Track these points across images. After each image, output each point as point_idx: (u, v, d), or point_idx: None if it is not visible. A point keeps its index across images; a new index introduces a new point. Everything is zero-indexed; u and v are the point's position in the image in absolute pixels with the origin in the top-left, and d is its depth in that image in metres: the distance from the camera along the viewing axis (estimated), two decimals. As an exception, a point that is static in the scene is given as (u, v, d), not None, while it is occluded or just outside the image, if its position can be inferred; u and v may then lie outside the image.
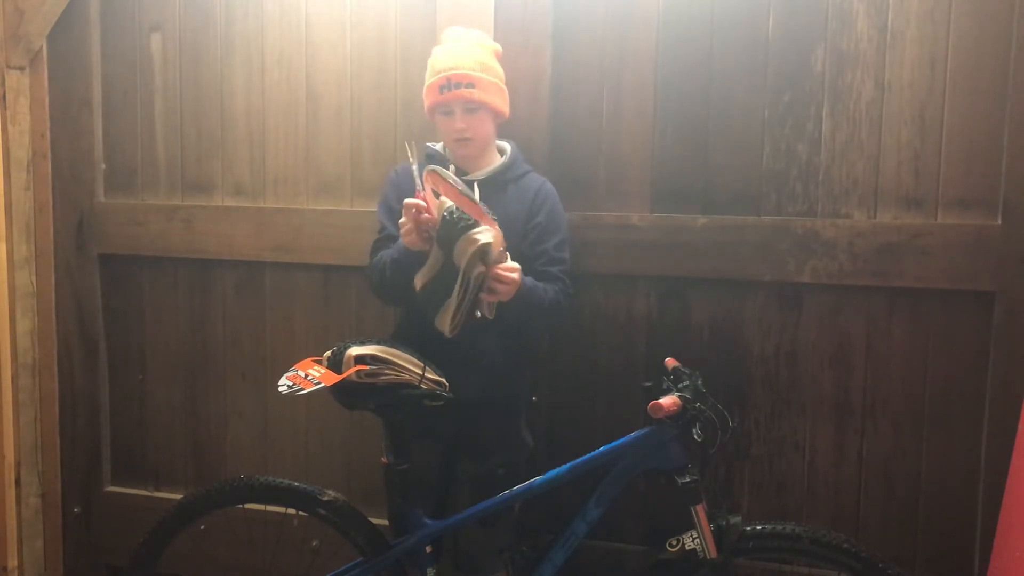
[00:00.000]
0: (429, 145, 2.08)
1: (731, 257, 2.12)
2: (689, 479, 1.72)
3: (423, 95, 2.01)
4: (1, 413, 2.54)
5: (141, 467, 2.66)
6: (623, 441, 1.77)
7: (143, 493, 2.65)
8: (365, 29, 2.35)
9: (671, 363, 1.87)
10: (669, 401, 1.67)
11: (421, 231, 1.76)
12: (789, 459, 2.17)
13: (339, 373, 1.76)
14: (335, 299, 2.44)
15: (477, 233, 1.69)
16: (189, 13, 2.49)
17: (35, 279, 2.61)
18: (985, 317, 2.00)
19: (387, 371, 1.77)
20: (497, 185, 1.99)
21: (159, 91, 2.54)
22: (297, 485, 1.96)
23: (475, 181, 1.91)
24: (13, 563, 2.59)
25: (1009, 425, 1.89)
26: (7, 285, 2.54)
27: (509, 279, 1.76)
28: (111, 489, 2.66)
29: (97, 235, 2.58)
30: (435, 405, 1.80)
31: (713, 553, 1.72)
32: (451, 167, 1.84)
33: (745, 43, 2.11)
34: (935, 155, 2.02)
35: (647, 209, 2.20)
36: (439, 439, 2.00)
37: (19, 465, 2.61)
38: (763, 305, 2.15)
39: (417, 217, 1.75)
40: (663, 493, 2.17)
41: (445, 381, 1.82)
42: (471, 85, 1.93)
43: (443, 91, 1.94)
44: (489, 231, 1.71)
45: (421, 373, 1.79)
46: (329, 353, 1.81)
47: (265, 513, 2.07)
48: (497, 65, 2.02)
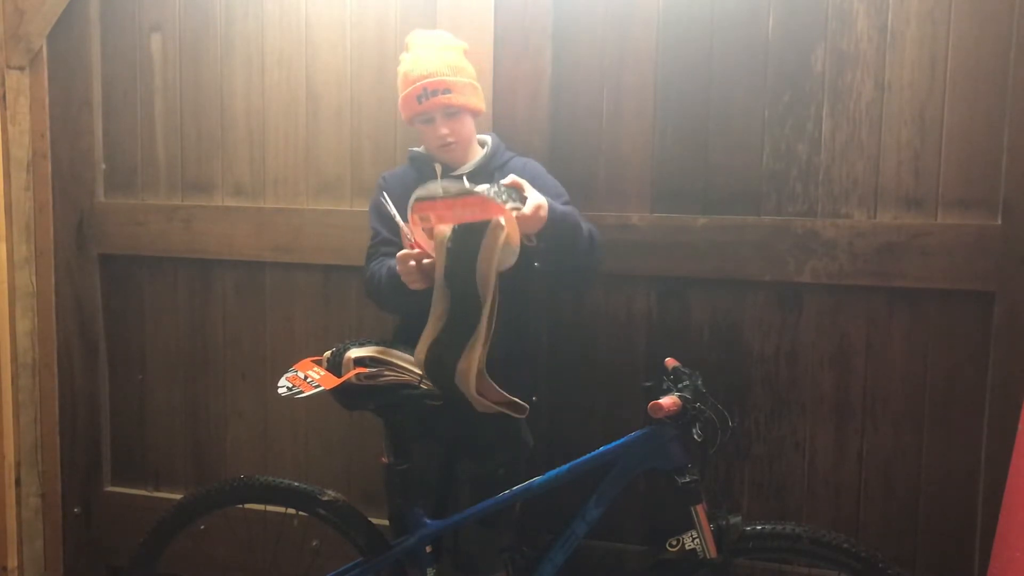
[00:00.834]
0: (412, 149, 2.09)
1: (731, 257, 2.12)
2: (689, 479, 1.71)
3: (399, 105, 2.00)
4: (1, 413, 2.54)
5: (141, 467, 2.67)
6: (623, 441, 1.77)
7: (143, 493, 2.65)
8: (365, 29, 2.35)
9: (671, 363, 1.87)
10: (669, 401, 1.67)
11: (425, 275, 1.75)
12: (789, 459, 2.17)
13: (338, 375, 1.76)
14: (335, 299, 2.44)
15: (490, 237, 1.63)
16: (189, 13, 2.49)
17: (35, 279, 2.61)
18: (985, 317, 2.00)
19: (387, 372, 1.77)
20: (484, 176, 1.98)
21: (159, 91, 2.54)
22: (297, 485, 1.96)
23: (463, 176, 1.91)
24: (13, 563, 2.59)
25: (1009, 425, 1.88)
26: (7, 285, 2.54)
27: (534, 214, 1.71)
28: (111, 489, 2.66)
29: (97, 235, 2.58)
30: (435, 404, 1.80)
31: (713, 553, 1.71)
32: (438, 166, 1.83)
33: (745, 43, 2.11)
34: (935, 155, 2.02)
35: (647, 209, 2.20)
36: (439, 439, 2.00)
37: (19, 465, 2.61)
38: (763, 305, 2.15)
39: (419, 266, 1.74)
40: (663, 493, 2.18)
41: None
42: (448, 91, 1.92)
43: (421, 100, 1.93)
44: (499, 219, 1.63)
45: (421, 373, 1.79)
46: (329, 354, 1.82)
47: (265, 513, 2.07)
48: (468, 64, 2.01)
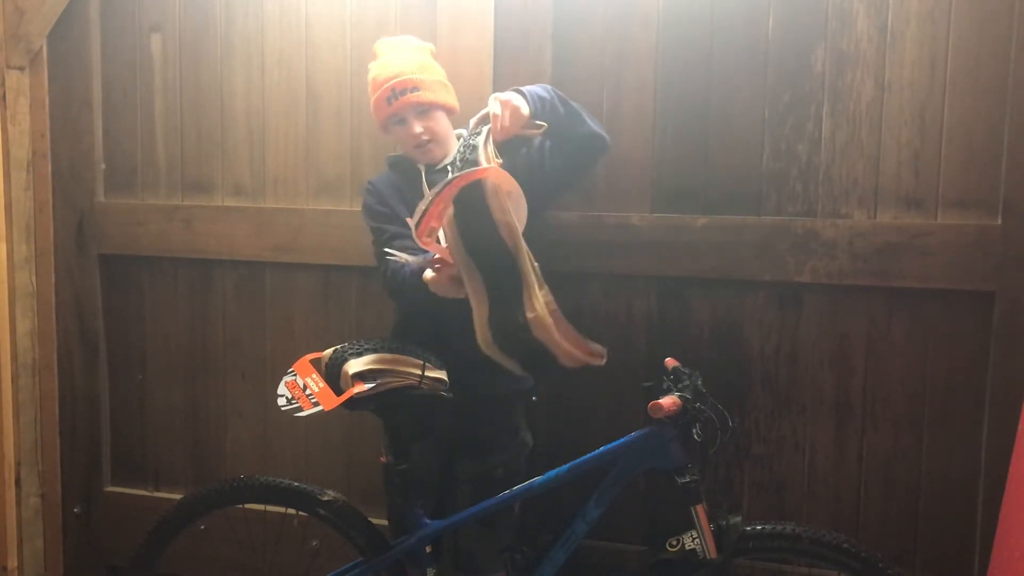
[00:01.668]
0: (389, 156, 2.09)
1: (731, 257, 2.12)
2: (689, 479, 1.71)
3: (372, 113, 2.01)
4: (1, 413, 2.54)
5: (141, 467, 2.67)
6: (623, 441, 1.77)
7: (143, 493, 2.65)
8: (365, 29, 2.34)
9: (671, 363, 1.87)
10: (669, 401, 1.67)
11: (455, 280, 1.73)
12: (789, 459, 2.17)
13: (337, 384, 1.76)
14: (335, 299, 2.44)
15: (489, 190, 1.62)
16: (189, 13, 2.49)
17: (35, 279, 2.61)
18: (985, 317, 2.00)
19: (387, 379, 1.76)
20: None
21: (159, 91, 2.54)
22: (297, 485, 1.96)
23: (447, 168, 1.92)
24: (13, 563, 2.59)
25: (1009, 425, 1.88)
26: (7, 285, 2.54)
27: (506, 105, 1.70)
28: (111, 489, 2.66)
29: (97, 235, 2.58)
30: (443, 398, 1.80)
31: (713, 553, 1.71)
32: (421, 166, 1.83)
33: (745, 43, 2.11)
34: (935, 155, 2.02)
35: (647, 209, 2.20)
36: (439, 439, 2.01)
37: (19, 465, 2.61)
38: (763, 305, 2.15)
39: (448, 274, 1.73)
40: (663, 493, 2.18)
41: (446, 376, 1.82)
42: (416, 89, 1.93)
43: (390, 102, 1.93)
44: (483, 178, 1.63)
45: (421, 373, 1.78)
46: (329, 353, 1.81)
47: (265, 513, 2.07)
48: (436, 64, 2.03)
